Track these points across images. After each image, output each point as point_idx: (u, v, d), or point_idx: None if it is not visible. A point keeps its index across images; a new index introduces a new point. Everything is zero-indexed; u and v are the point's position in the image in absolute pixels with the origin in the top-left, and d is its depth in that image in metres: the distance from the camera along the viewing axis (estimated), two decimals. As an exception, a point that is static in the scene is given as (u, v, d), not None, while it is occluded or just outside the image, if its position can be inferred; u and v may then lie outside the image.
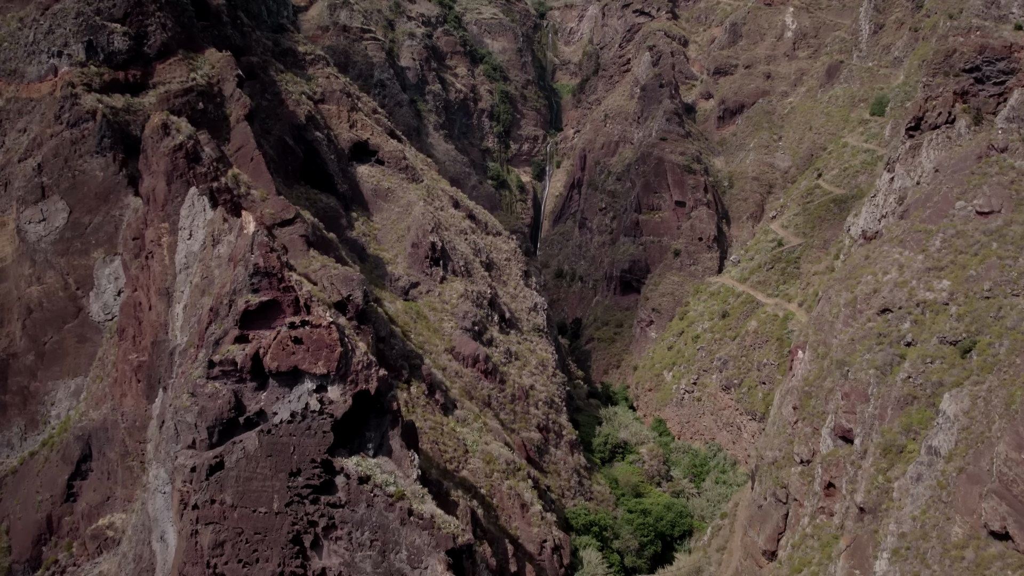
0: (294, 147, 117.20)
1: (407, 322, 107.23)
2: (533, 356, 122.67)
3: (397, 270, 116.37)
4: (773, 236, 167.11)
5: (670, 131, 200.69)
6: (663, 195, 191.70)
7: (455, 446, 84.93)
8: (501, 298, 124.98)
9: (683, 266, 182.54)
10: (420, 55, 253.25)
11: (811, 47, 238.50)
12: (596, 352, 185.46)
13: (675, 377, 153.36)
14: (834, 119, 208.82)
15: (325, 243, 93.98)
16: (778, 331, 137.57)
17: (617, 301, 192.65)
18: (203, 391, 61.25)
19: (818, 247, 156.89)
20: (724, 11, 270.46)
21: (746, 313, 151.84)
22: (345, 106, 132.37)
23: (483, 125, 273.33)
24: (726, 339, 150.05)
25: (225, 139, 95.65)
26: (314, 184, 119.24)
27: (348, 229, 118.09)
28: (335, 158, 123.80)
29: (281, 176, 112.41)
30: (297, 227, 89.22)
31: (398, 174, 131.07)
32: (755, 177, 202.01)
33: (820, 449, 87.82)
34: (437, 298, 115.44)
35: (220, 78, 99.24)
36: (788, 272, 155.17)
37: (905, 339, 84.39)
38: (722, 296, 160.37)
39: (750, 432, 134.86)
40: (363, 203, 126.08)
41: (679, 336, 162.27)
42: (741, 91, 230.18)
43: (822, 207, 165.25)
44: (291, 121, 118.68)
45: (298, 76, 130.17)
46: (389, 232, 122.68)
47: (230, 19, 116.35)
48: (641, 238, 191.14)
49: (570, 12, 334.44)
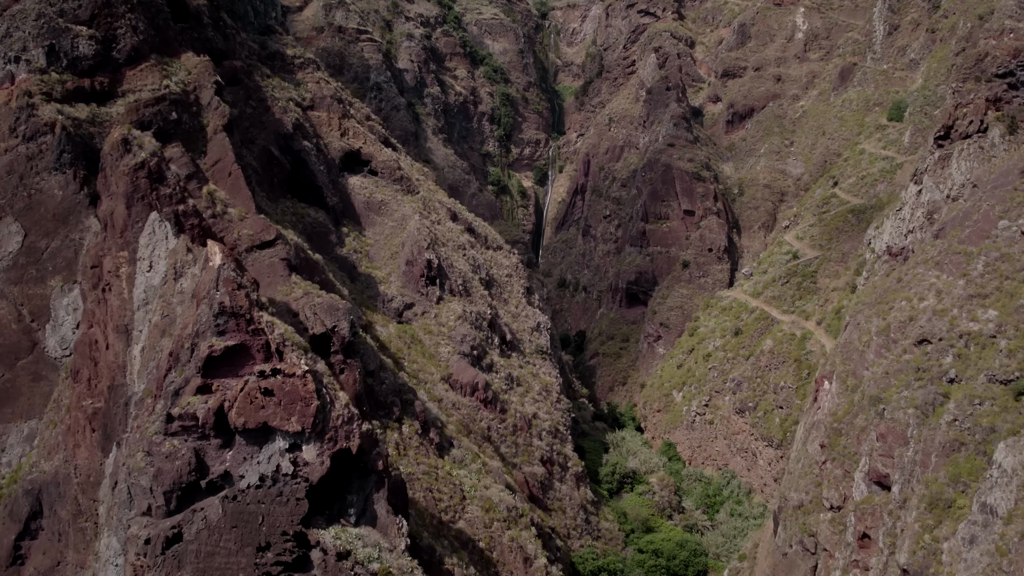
0: (280, 158, 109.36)
1: (400, 348, 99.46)
2: (536, 381, 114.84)
3: (390, 290, 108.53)
4: (788, 248, 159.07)
5: (678, 136, 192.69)
6: (671, 203, 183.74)
7: (451, 492, 77.07)
8: (502, 318, 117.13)
9: (692, 278, 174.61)
10: (418, 57, 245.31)
11: (823, 49, 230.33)
12: (601, 368, 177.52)
13: (685, 398, 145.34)
14: (848, 124, 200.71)
15: (310, 266, 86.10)
16: (796, 351, 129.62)
17: (623, 314, 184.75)
18: (160, 450, 53.40)
19: (836, 260, 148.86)
20: (732, 11, 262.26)
21: (760, 330, 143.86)
22: (336, 113, 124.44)
23: (483, 129, 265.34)
24: (739, 358, 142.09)
25: (201, 152, 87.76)
26: (301, 197, 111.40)
27: (338, 246, 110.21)
28: (325, 169, 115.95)
29: (265, 190, 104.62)
30: (278, 250, 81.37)
31: (392, 185, 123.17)
32: (766, 184, 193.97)
33: (853, 495, 79.84)
34: (433, 320, 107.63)
35: (197, 85, 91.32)
36: (804, 287, 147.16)
37: (948, 375, 76.40)
38: (734, 312, 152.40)
39: (766, 459, 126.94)
40: (355, 217, 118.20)
41: (689, 354, 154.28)
42: (751, 94, 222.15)
43: (839, 218, 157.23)
44: (277, 130, 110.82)
45: (286, 81, 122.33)
46: (382, 248, 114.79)
47: (211, 21, 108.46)
48: (648, 248, 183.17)
49: (573, 12, 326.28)
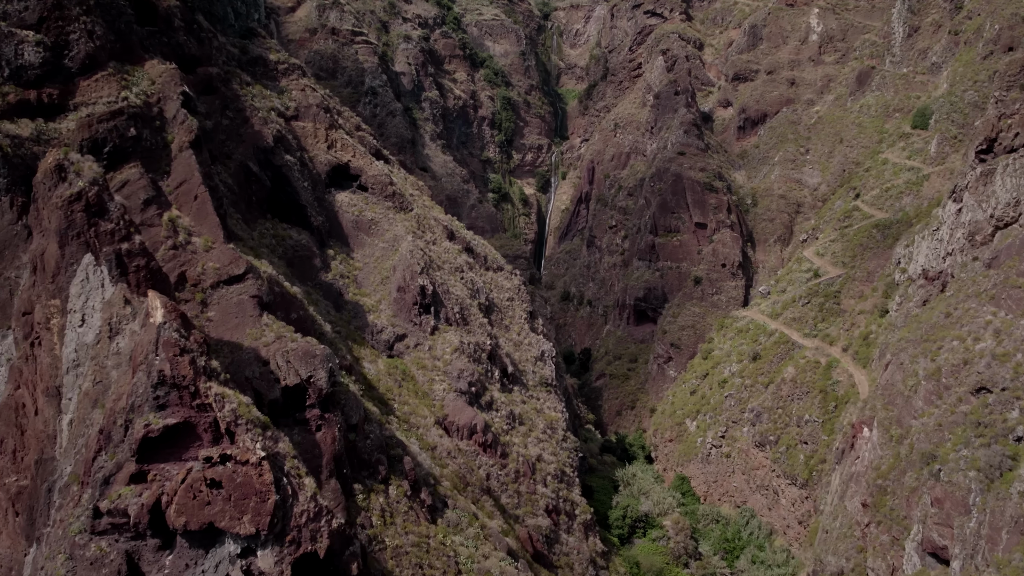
0: (259, 174, 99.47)
1: (390, 387, 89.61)
2: (540, 418, 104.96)
3: (380, 320, 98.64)
4: (808, 265, 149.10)
5: (688, 144, 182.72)
6: (681, 216, 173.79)
7: (444, 566, 67.26)
8: (502, 348, 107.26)
9: (704, 295, 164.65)
10: (416, 59, 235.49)
11: (838, 51, 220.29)
12: (608, 390, 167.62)
13: (700, 428, 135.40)
14: (867, 131, 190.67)
15: (286, 302, 76.23)
16: (821, 381, 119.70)
17: (631, 332, 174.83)
18: (84, 553, 43.56)
19: (861, 280, 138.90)
20: (742, 12, 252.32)
21: (780, 356, 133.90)
22: (323, 123, 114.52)
23: (484, 134, 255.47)
24: (758, 386, 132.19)
25: (164, 172, 77.93)
26: (283, 217, 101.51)
27: (323, 271, 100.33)
28: (309, 185, 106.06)
29: (242, 210, 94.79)
30: (248, 285, 71.57)
31: (384, 202, 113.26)
32: (782, 195, 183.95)
33: (904, 568, 69.94)
34: (427, 353, 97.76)
35: (161, 96, 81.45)
36: (827, 308, 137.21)
37: (1015, 433, 66.51)
38: (751, 334, 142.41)
39: (789, 499, 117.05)
40: (342, 237, 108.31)
41: (703, 379, 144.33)
42: (763, 99, 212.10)
43: (863, 233, 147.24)
44: (256, 143, 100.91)
45: (268, 89, 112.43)
46: (372, 272, 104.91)
47: (184, 24, 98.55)
48: (657, 263, 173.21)
49: (576, 13, 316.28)
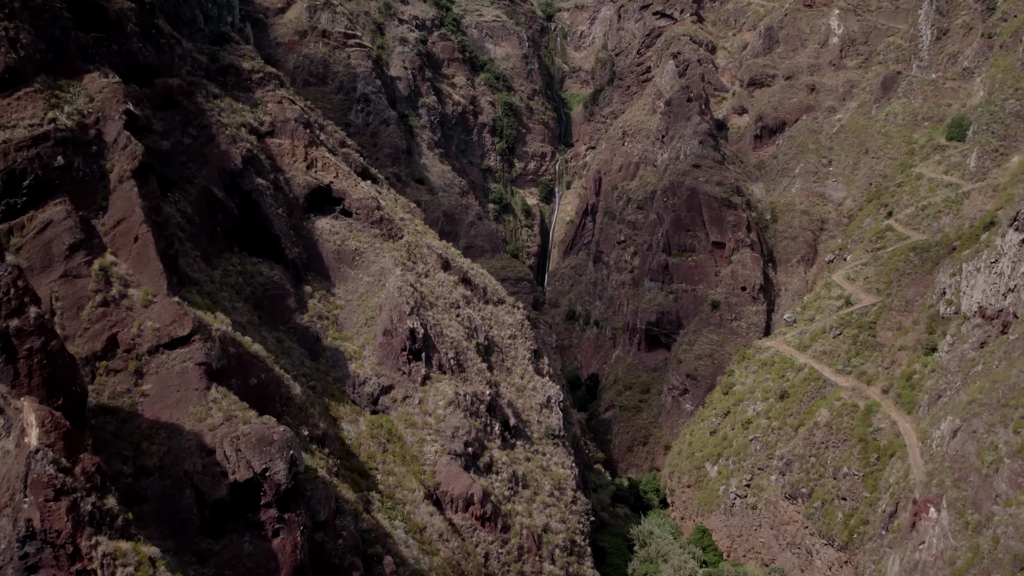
0: (224, 201, 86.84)
1: (373, 453, 77.07)
2: (547, 477, 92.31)
3: (363, 369, 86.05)
4: (838, 291, 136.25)
5: (704, 156, 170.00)
6: (697, 234, 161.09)
7: None
8: (504, 397, 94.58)
9: (723, 321, 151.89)
10: (413, 63, 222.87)
11: (861, 55, 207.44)
12: (618, 423, 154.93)
13: (722, 474, 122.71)
14: (894, 141, 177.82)
15: (243, 365, 63.53)
16: (860, 428, 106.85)
17: (642, 359, 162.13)
18: None
19: (899, 310, 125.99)
20: (757, 13, 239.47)
21: (811, 395, 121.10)
22: (302, 140, 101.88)
23: (484, 141, 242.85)
24: (787, 429, 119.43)
25: (100, 208, 65.24)
26: (252, 250, 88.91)
27: (297, 312, 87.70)
28: (284, 211, 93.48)
29: (203, 244, 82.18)
30: (194, 349, 59.00)
31: (369, 228, 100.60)
32: (804, 211, 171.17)
33: None
34: (417, 408, 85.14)
35: (101, 116, 68.77)
36: (862, 341, 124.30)
37: None
38: (777, 368, 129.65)
39: (825, 561, 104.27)
40: (322, 270, 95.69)
41: (724, 417, 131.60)
42: (781, 106, 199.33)
43: (899, 256, 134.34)
44: (222, 165, 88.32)
45: (240, 101, 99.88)
46: (355, 312, 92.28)
47: (139, 29, 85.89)
48: (671, 285, 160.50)
49: (580, 14, 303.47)
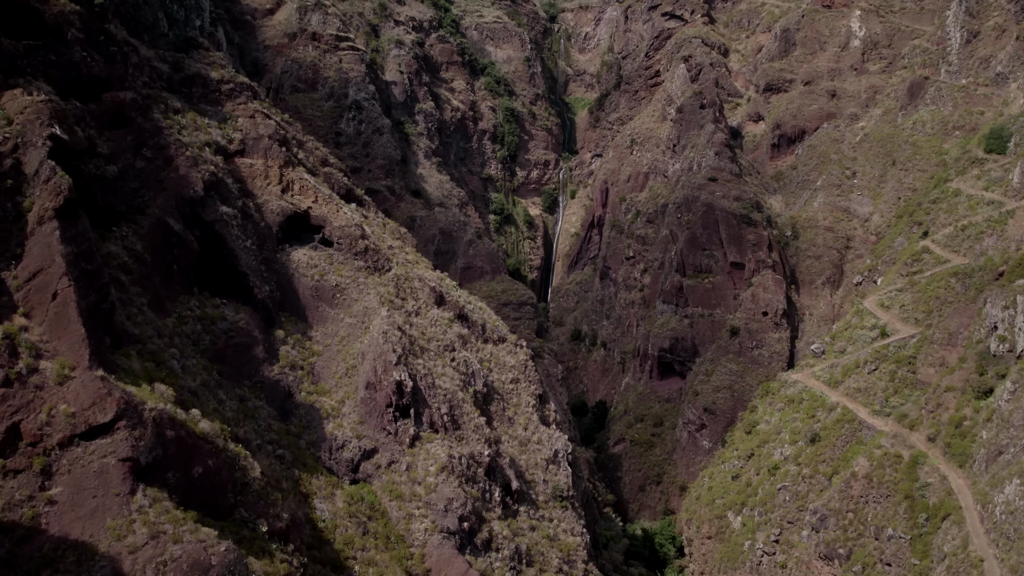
0: (182, 234, 75.12)
1: (350, 537, 65.29)
2: (554, 549, 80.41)
3: (342, 429, 74.31)
4: (871, 320, 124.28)
5: (720, 168, 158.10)
6: (714, 253, 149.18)
7: None
8: (505, 456, 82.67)
9: (743, 349, 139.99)
10: (409, 67, 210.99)
11: (884, 59, 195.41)
12: (629, 459, 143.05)
13: (747, 527, 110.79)
14: (923, 151, 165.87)
15: (185, 451, 51.71)
16: (905, 483, 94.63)
17: (654, 388, 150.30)
18: None
19: (941, 343, 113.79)
20: (771, 14, 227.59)
21: (845, 438, 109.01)
22: (277, 159, 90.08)
23: (484, 149, 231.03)
24: (819, 477, 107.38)
25: (14, 256, 53.56)
26: (216, 289, 77.29)
27: (266, 363, 75.94)
28: (254, 243, 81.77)
29: (154, 286, 70.42)
30: (118, 440, 47.36)
31: (353, 260, 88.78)
32: (828, 227, 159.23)
33: None
34: (404, 475, 73.38)
35: (20, 141, 57.04)
36: (901, 378, 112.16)
37: None
38: (806, 406, 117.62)
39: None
40: (297, 309, 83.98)
41: (747, 460, 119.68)
42: (800, 113, 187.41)
43: (938, 282, 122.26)
44: (181, 192, 76.62)
45: (206, 116, 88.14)
46: (334, 359, 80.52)
47: (84, 35, 74.22)
48: (686, 308, 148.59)
49: (585, 15, 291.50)
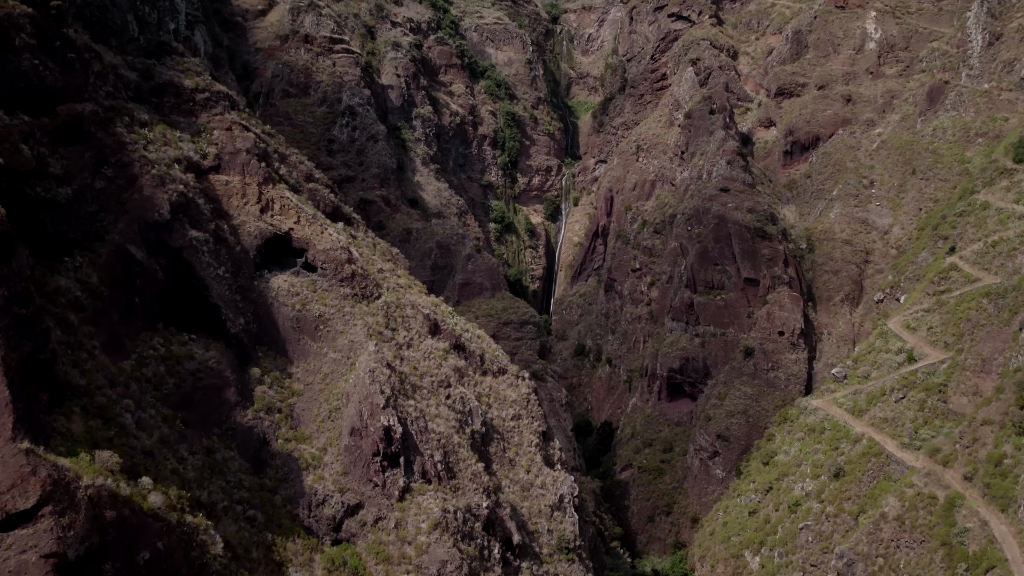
0: (146, 263, 67.30)
1: (329, 613, 57.42)
2: (560, 610, 72.68)
3: (323, 483, 66.47)
4: (897, 343, 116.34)
5: (733, 178, 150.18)
6: (727, 268, 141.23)
7: None
8: (505, 506, 74.76)
9: (758, 371, 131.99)
10: (406, 70, 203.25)
11: (901, 62, 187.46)
12: (637, 487, 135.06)
13: (766, 568, 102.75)
14: (945, 160, 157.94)
15: (128, 537, 43.79)
16: (942, 528, 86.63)
17: (663, 411, 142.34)
18: None
19: (974, 370, 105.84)
20: (782, 15, 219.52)
21: (872, 473, 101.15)
22: (255, 176, 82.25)
23: (484, 155, 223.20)
24: (845, 516, 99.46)
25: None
26: (184, 324, 69.50)
27: (239, 407, 68.08)
28: (228, 271, 73.97)
29: (111, 323, 62.59)
30: (41, 530, 39.55)
31: (338, 288, 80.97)
32: (846, 240, 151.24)
33: None
34: (392, 534, 65.52)
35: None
36: (931, 408, 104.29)
37: None
38: (828, 437, 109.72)
39: None
40: (276, 343, 76.17)
41: (766, 494, 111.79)
42: (814, 119, 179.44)
43: (969, 303, 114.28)
44: (145, 215, 68.84)
45: (178, 129, 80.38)
46: (316, 400, 72.68)
47: (37, 41, 66.43)
48: (697, 327, 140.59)
49: (588, 15, 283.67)
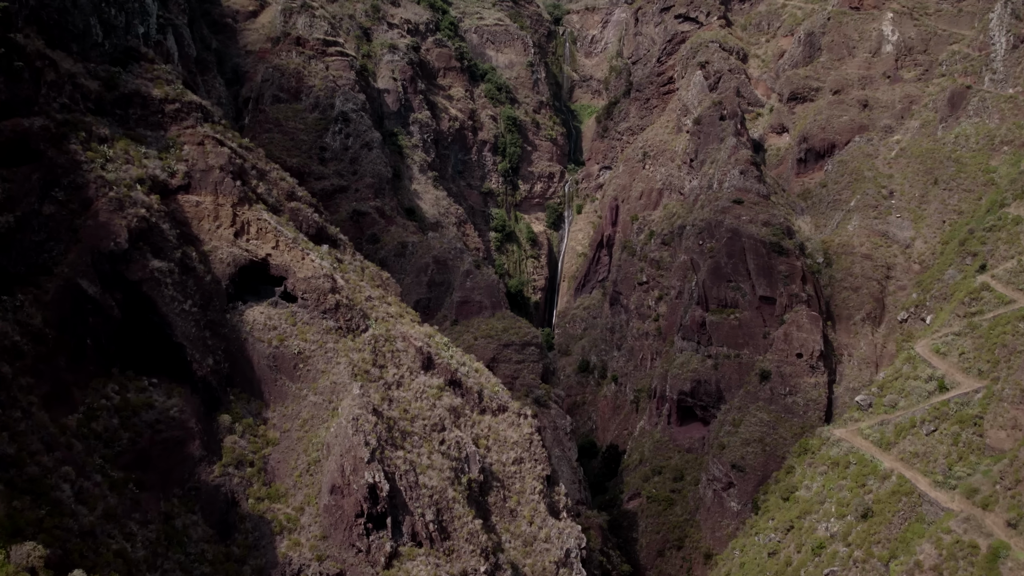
0: (99, 299, 59.43)
1: None
2: None
3: (300, 549, 58.57)
4: (927, 370, 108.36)
5: (746, 189, 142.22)
6: (740, 285, 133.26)
7: None
8: (505, 568, 66.82)
9: (775, 396, 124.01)
10: (403, 73, 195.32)
11: (920, 66, 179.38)
12: (646, 518, 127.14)
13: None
14: (968, 169, 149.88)
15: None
16: (986, 581, 79.13)
17: (673, 436, 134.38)
18: None
19: (1013, 401, 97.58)
20: (793, 17, 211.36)
21: (904, 515, 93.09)
22: (230, 196, 74.36)
23: (484, 161, 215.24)
24: (875, 563, 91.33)
25: None
26: (144, 366, 61.64)
27: (205, 461, 60.21)
28: (196, 305, 66.09)
29: (58, 369, 54.80)
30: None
31: (321, 320, 73.09)
32: (866, 254, 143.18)
33: None
34: (378, 608, 57.66)
35: None
36: (966, 442, 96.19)
37: None
38: (854, 471, 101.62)
39: None
40: (251, 384, 68.28)
41: (786, 533, 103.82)
42: (829, 125, 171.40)
43: (1004, 326, 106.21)
44: (99, 244, 60.95)
45: (144, 144, 72.53)
46: (293, 450, 64.80)
47: (-24, 47, 58.83)
48: (709, 347, 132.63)
49: (591, 16, 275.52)
